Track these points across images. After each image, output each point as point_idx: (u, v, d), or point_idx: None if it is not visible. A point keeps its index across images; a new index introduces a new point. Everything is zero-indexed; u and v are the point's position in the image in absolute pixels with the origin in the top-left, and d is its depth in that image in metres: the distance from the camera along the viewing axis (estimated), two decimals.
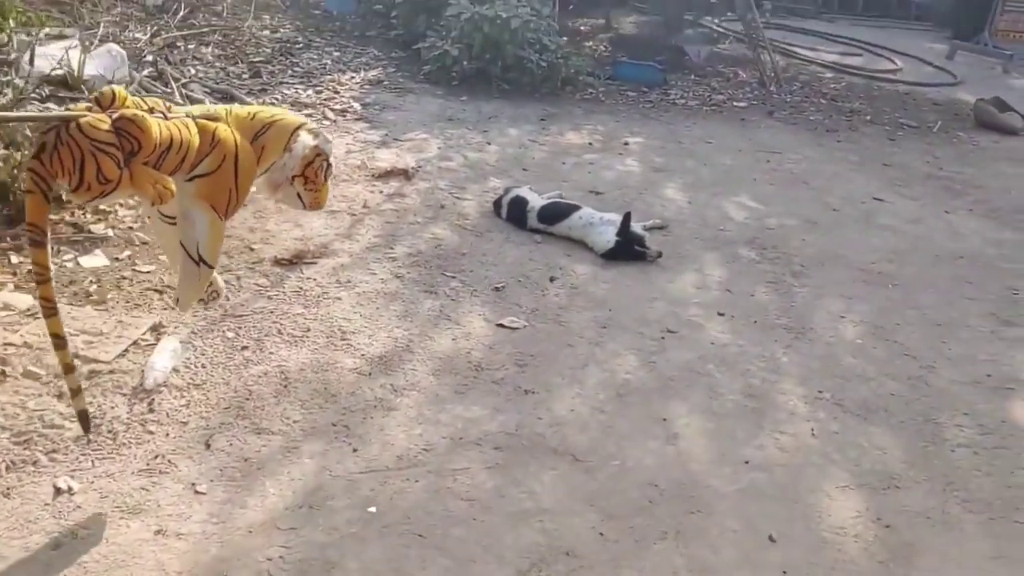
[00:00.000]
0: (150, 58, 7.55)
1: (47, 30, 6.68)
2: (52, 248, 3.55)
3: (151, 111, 2.62)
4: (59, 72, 5.91)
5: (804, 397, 3.63)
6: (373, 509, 2.76)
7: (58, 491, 2.71)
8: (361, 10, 11.16)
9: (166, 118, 2.63)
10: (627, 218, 4.80)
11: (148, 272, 4.07)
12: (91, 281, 3.93)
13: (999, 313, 4.59)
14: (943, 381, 3.87)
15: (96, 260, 4.16)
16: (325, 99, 7.20)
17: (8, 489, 2.71)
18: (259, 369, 3.44)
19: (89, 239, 4.31)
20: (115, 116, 2.49)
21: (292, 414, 3.19)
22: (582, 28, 12.65)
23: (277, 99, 6.98)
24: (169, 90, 6.35)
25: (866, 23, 15.61)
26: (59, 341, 2.55)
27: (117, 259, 4.16)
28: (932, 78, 11.27)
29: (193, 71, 7.45)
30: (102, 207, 4.60)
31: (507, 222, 5.14)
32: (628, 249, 4.78)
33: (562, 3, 12.21)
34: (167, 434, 3.02)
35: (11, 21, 6.19)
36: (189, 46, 8.26)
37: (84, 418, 2.71)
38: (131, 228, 4.46)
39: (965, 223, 5.99)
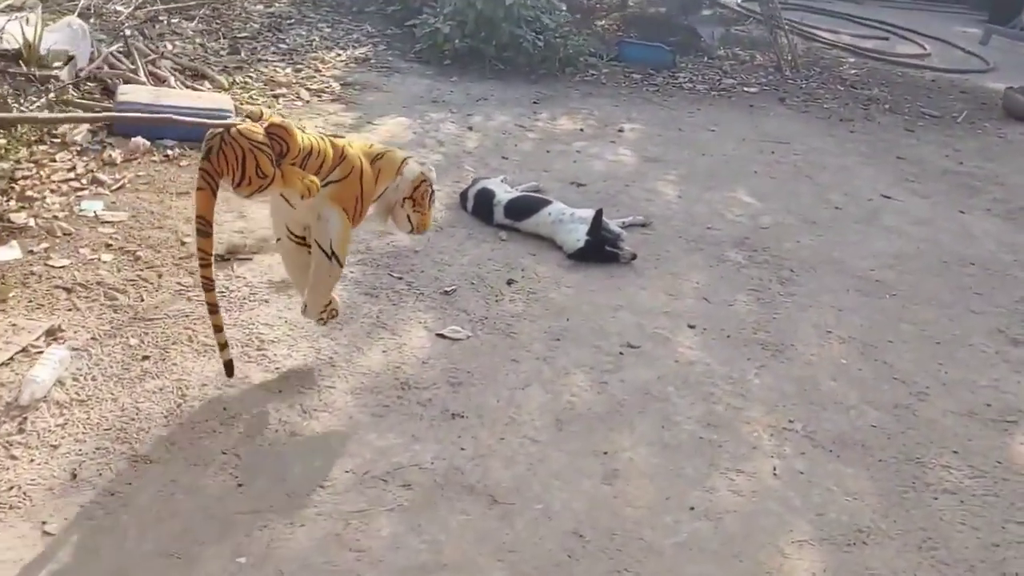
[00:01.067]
0: (128, 32, 7.20)
1: (8, 1, 6.34)
2: None
3: None
4: (13, 47, 5.57)
5: (771, 428, 3.22)
6: (243, 560, 2.40)
7: None
8: None
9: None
10: (598, 215, 4.38)
11: (61, 267, 3.72)
12: None
13: (1008, 330, 4.13)
14: (934, 411, 3.43)
15: (9, 252, 3.82)
16: (303, 78, 6.82)
17: None
18: (156, 384, 3.08)
19: (7, 229, 3.97)
20: (266, 123, 2.93)
21: (180, 439, 2.83)
22: (596, 6, 12.14)
23: (251, 77, 6.61)
24: (134, 67, 5.98)
25: (897, 5, 14.92)
26: (213, 307, 2.97)
27: (32, 251, 3.82)
28: (962, 64, 10.68)
29: (170, 46, 7.07)
30: (27, 194, 4.26)
31: (473, 216, 4.74)
32: (599, 250, 4.37)
33: None
34: (32, 460, 2.68)
35: None
36: (173, 20, 7.89)
37: (228, 366, 3.08)
38: (55, 218, 4.11)
39: (980, 224, 5.50)
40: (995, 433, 3.34)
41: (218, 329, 3.01)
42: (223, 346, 3.04)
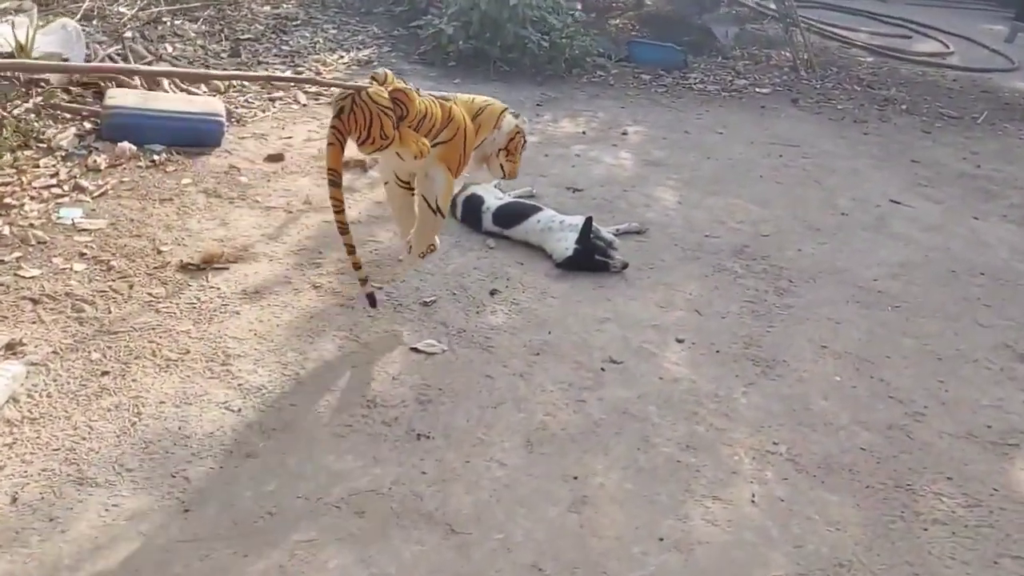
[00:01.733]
0: (129, 34, 7.15)
1: (4, 4, 6.29)
2: None
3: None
4: (4, 50, 5.51)
5: (754, 450, 3.05)
6: None
7: None
8: None
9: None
10: (588, 223, 4.23)
11: (31, 278, 3.64)
12: None
13: (1016, 345, 3.94)
14: (930, 433, 3.25)
15: None
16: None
17: None
18: (112, 401, 2.98)
19: None
20: (390, 88, 3.22)
21: (129, 460, 2.72)
22: (612, 5, 11.97)
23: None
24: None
25: (921, 2, 14.60)
26: (350, 248, 3.34)
27: (3, 261, 3.73)
28: (985, 63, 10.39)
29: (170, 48, 7.00)
30: (5, 200, 4.18)
31: (462, 223, 4.61)
32: (589, 258, 4.22)
33: None
34: None
35: None
36: (176, 21, 7.83)
37: (371, 298, 3.47)
38: (31, 226, 4.03)
39: (994, 231, 5.29)
40: (994, 457, 3.16)
41: (356, 267, 3.37)
42: (364, 280, 3.43)
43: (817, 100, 8.08)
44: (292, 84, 6.46)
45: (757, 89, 8.20)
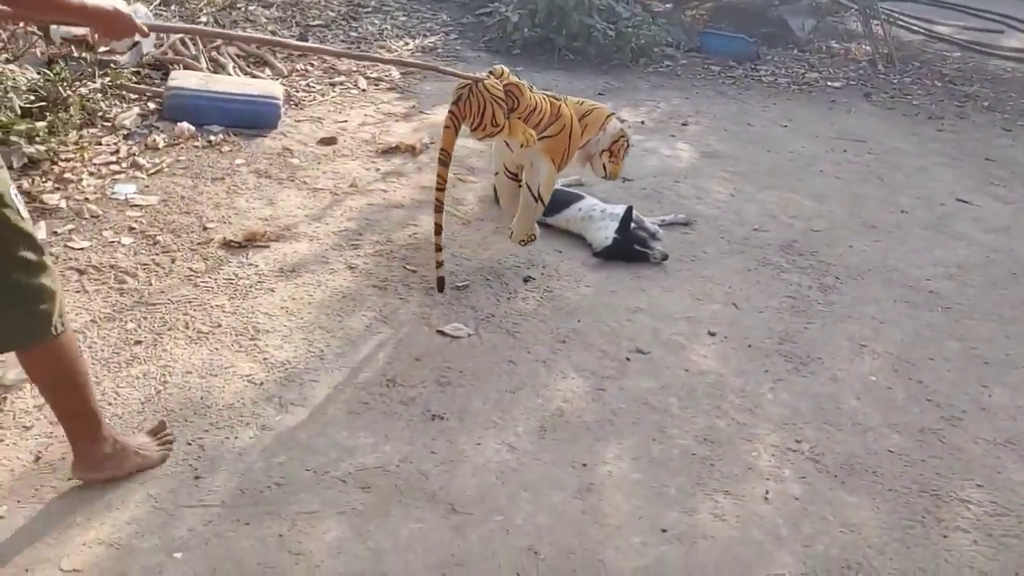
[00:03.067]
0: (204, 19, 7.35)
1: None
2: None
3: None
4: (82, 33, 5.72)
5: (774, 447, 2.99)
6: (179, 555, 2.35)
7: None
8: None
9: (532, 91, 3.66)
10: (628, 213, 4.19)
11: (80, 249, 3.78)
12: None
13: None
14: (964, 438, 3.13)
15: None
16: (365, 66, 6.80)
17: None
18: (141, 369, 3.08)
19: (39, 209, 4.05)
20: (505, 81, 3.54)
21: (149, 426, 2.80)
22: None
23: (313, 65, 6.62)
24: (193, 53, 6.07)
25: None
26: (438, 227, 3.59)
27: (56, 232, 3.88)
28: None
29: (241, 33, 7.16)
30: (65, 176, 4.35)
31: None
32: (628, 248, 4.18)
33: None
34: (1, 440, 2.69)
35: None
36: (250, 7, 8.02)
37: (440, 282, 3.70)
38: (87, 200, 4.18)
39: None
40: None
41: (438, 249, 3.61)
42: (439, 264, 3.65)
43: (892, 95, 7.83)
44: (414, 69, 6.65)
45: (829, 83, 7.98)
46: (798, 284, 4.13)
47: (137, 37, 2.38)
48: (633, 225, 4.26)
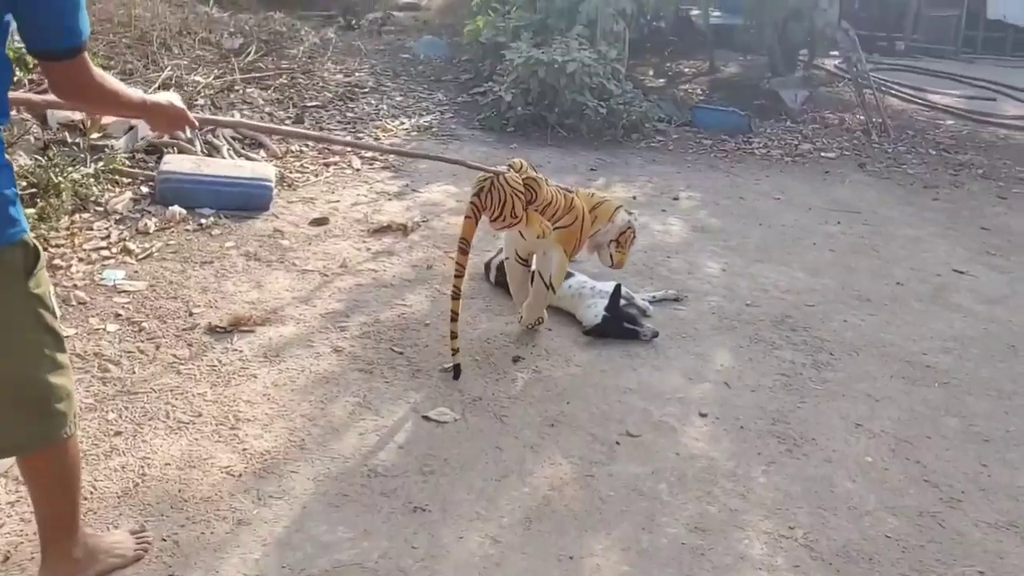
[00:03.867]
0: (200, 102, 7.47)
1: None
2: None
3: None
4: (77, 117, 5.80)
5: (767, 534, 2.89)
6: None
7: None
8: (449, 55, 10.94)
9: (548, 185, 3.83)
10: (617, 290, 4.16)
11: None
12: None
13: None
14: (965, 522, 3.03)
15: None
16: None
17: None
18: (120, 461, 3.01)
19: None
20: (524, 175, 3.68)
21: (125, 522, 2.73)
22: (685, 70, 12.02)
23: (308, 146, 6.68)
24: (188, 136, 6.13)
25: (1013, 64, 14.18)
26: (454, 315, 3.63)
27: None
28: None
29: (238, 115, 7.26)
30: (55, 262, 4.35)
31: (495, 287, 4.58)
32: (617, 326, 4.13)
33: (663, 45, 11.65)
34: None
35: None
36: (248, 89, 8.14)
37: (456, 369, 3.69)
38: (75, 286, 4.18)
39: None
40: None
41: (454, 336, 3.63)
42: (455, 351, 3.65)
43: (887, 164, 7.87)
44: (435, 160, 6.57)
45: (823, 153, 8.03)
46: (791, 361, 4.07)
47: (132, 121, 2.42)
48: (623, 302, 4.22)
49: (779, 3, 9.16)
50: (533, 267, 4.00)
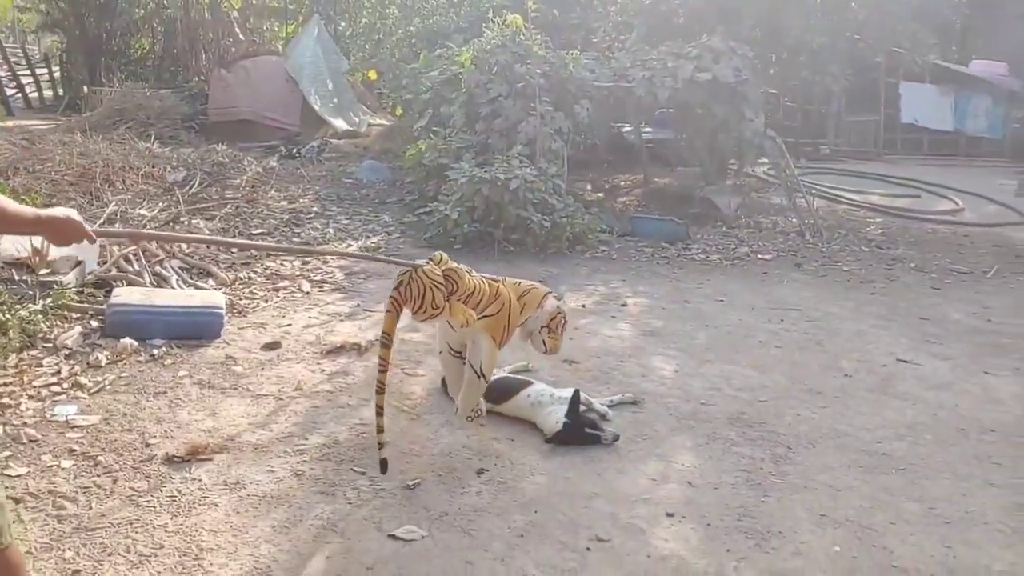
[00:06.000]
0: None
1: None
2: None
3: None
4: (23, 255, 5.78)
5: None
6: None
7: None
8: (392, 178, 11.18)
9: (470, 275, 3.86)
10: (575, 397, 4.20)
11: (17, 476, 3.66)
12: None
13: None
14: None
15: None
16: (309, 269, 6.94)
17: None
18: None
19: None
20: (444, 267, 3.72)
21: None
22: (622, 184, 12.42)
23: (256, 272, 6.72)
24: (136, 269, 6.13)
25: (933, 163, 14.95)
26: (380, 409, 3.64)
27: None
28: (996, 218, 10.49)
29: (185, 247, 7.27)
30: (3, 401, 4.26)
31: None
32: (578, 432, 4.16)
33: (600, 161, 12.06)
34: None
35: None
36: (193, 220, 8.20)
37: (383, 464, 3.68)
38: (25, 424, 4.08)
39: (1006, 387, 5.17)
40: None
41: (379, 430, 3.65)
42: (381, 445, 3.67)
43: (822, 263, 8.15)
44: (353, 259, 6.96)
45: (760, 256, 8.30)
46: (750, 456, 4.13)
47: (79, 255, 2.43)
48: (583, 407, 4.27)
49: (707, 116, 9.59)
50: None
